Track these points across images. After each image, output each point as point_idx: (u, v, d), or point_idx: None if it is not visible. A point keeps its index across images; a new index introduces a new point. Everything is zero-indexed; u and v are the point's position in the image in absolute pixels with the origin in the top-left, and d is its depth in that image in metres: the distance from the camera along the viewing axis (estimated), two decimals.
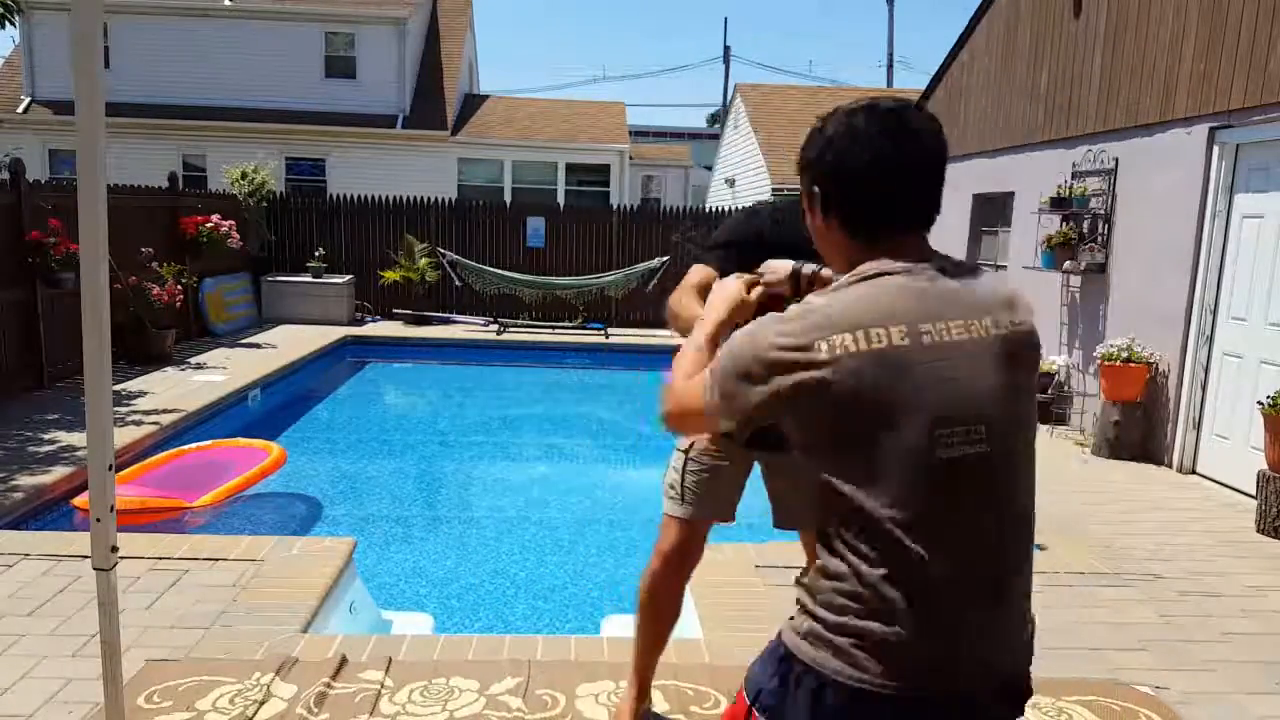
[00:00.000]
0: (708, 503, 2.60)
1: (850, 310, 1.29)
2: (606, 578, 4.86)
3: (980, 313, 1.34)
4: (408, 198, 13.62)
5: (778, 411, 1.32)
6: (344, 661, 3.15)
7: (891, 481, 1.26)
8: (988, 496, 1.31)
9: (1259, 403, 5.20)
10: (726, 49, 31.94)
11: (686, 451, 2.60)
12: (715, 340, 1.52)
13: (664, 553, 2.60)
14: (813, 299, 1.35)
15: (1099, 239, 7.24)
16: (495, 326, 12.54)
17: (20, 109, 17.90)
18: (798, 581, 1.40)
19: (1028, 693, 1.41)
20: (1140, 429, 6.58)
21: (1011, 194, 8.78)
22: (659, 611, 2.67)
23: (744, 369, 1.32)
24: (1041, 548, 4.65)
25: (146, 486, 5.40)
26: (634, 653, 2.76)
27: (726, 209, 14.97)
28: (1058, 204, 7.54)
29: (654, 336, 12.10)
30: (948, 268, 1.37)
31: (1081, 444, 6.98)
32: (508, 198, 17.46)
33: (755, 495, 2.71)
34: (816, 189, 1.41)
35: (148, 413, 6.89)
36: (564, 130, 19.60)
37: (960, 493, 1.29)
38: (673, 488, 2.61)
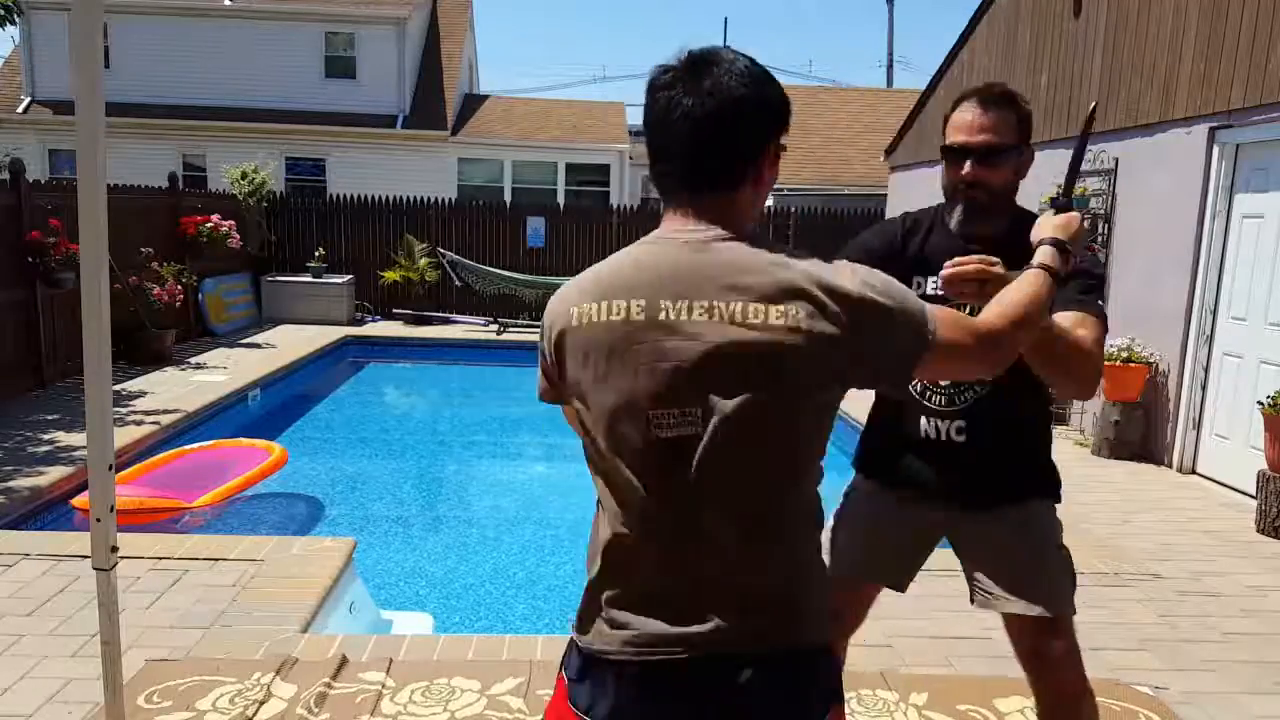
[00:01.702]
0: (859, 561, 2.16)
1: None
2: None
3: (732, 296, 1.22)
4: (407, 198, 13.62)
5: None
6: (344, 661, 3.15)
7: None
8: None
9: (1259, 403, 5.20)
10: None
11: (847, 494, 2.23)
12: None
13: None
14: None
15: (1099, 239, 7.23)
16: (495, 326, 12.54)
17: (20, 109, 17.89)
18: None
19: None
20: (1140, 429, 6.57)
21: None
22: None
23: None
24: None
25: (146, 487, 5.40)
26: None
27: None
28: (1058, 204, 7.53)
29: None
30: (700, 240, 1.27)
31: (1081, 444, 6.98)
32: (508, 198, 17.45)
33: None
34: None
35: (148, 413, 6.89)
36: (564, 130, 19.59)
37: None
38: None
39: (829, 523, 2.22)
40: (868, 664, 3.25)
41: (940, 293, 1.89)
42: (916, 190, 11.44)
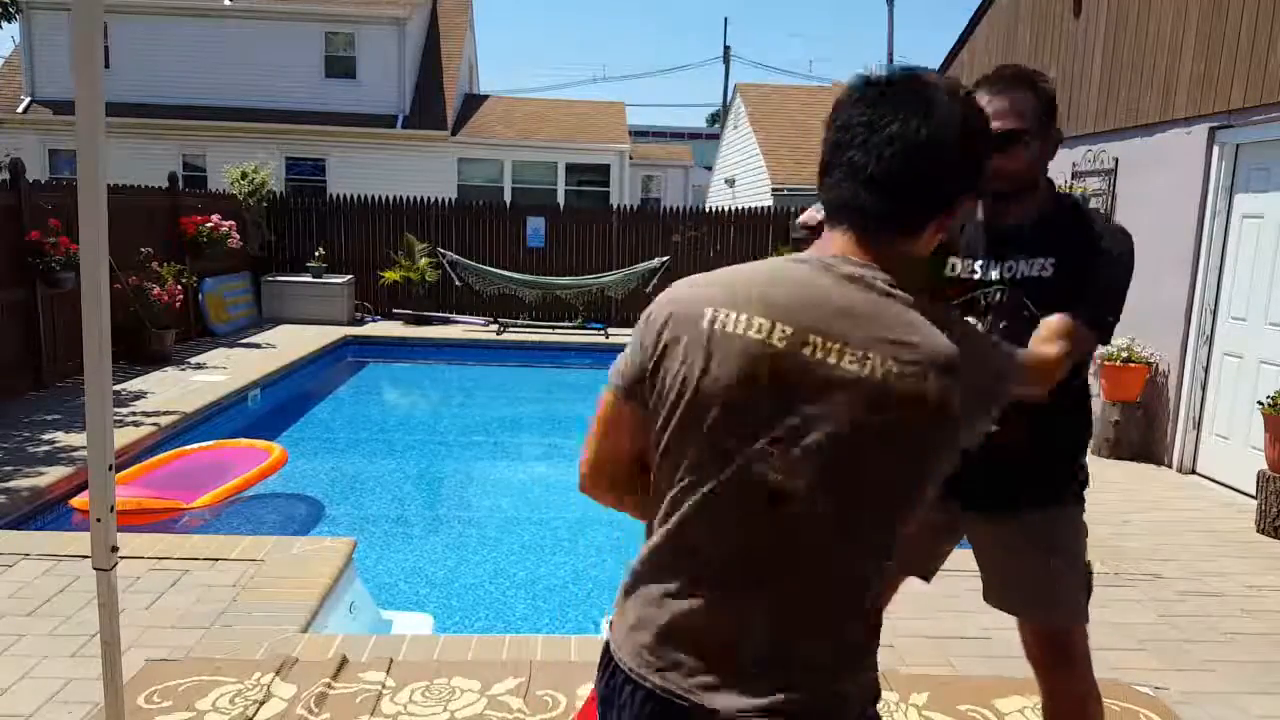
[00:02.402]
0: None
1: None
2: (607, 578, 4.86)
3: (888, 352, 1.11)
4: (408, 198, 13.62)
5: None
6: (344, 661, 3.15)
7: None
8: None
9: (1259, 403, 5.20)
10: (726, 49, 31.90)
11: None
12: None
13: None
14: None
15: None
16: (495, 326, 12.54)
17: (20, 109, 17.90)
18: None
19: None
20: (1140, 429, 6.57)
21: None
22: None
23: None
24: None
25: (146, 487, 5.40)
26: None
27: (726, 209, 14.95)
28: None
29: None
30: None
31: None
32: (508, 198, 17.45)
33: None
34: None
35: (147, 413, 6.89)
36: (564, 130, 19.60)
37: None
38: None
39: None
40: None
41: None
42: None
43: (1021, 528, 2.05)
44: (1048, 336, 1.88)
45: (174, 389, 7.85)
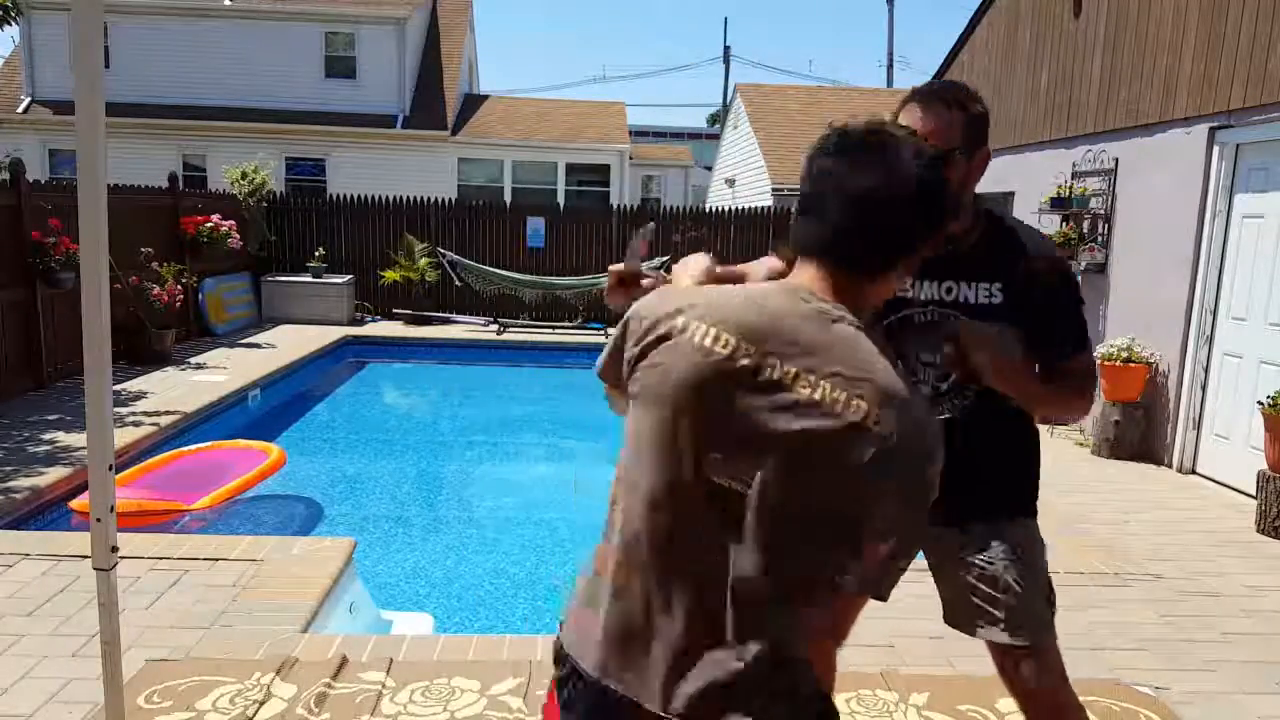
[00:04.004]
0: None
1: None
2: None
3: (837, 383, 1.17)
4: (408, 198, 13.62)
5: None
6: (344, 662, 3.15)
7: None
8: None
9: (1259, 403, 5.20)
10: (726, 49, 31.95)
11: None
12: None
13: None
14: None
15: (1099, 239, 7.24)
16: (495, 326, 12.54)
17: (20, 109, 17.90)
18: None
19: None
20: (1140, 429, 6.57)
21: (1011, 194, 8.77)
22: None
23: None
24: None
25: (145, 489, 5.39)
26: None
27: (726, 209, 14.96)
28: (1058, 204, 7.54)
29: None
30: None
31: (1081, 444, 6.98)
32: (508, 198, 17.45)
33: None
34: None
35: (147, 413, 6.88)
36: (564, 130, 19.59)
37: None
38: None
39: None
40: (868, 664, 3.25)
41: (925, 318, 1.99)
42: None
43: (981, 543, 2.01)
44: (1081, 382, 1.97)
45: (174, 389, 7.85)
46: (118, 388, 7.58)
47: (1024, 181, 8.44)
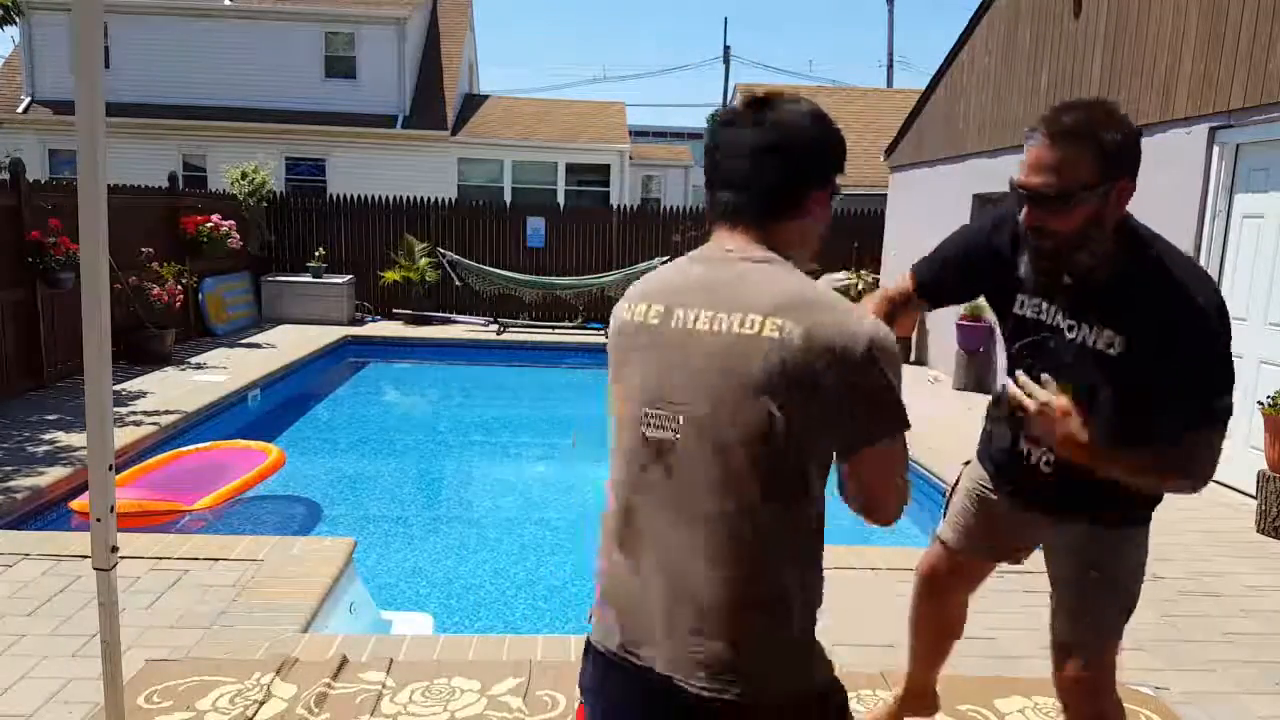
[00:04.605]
0: (962, 532, 2.20)
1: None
2: None
3: (735, 309, 1.28)
4: (408, 198, 13.62)
5: None
6: (344, 662, 3.15)
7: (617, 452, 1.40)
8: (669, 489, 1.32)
9: (1259, 403, 5.20)
10: (726, 49, 31.91)
11: (966, 463, 2.26)
12: None
13: (917, 567, 2.30)
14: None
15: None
16: (495, 326, 12.54)
17: (20, 109, 17.89)
18: None
19: (699, 708, 1.26)
20: None
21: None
22: (914, 626, 2.44)
23: None
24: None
25: (145, 489, 5.39)
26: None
27: None
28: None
29: None
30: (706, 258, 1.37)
31: None
32: (508, 198, 17.44)
33: None
34: None
35: (147, 413, 6.88)
36: (564, 130, 19.58)
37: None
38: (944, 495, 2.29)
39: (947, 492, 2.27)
40: (868, 664, 3.25)
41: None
42: (916, 190, 11.43)
43: (1077, 543, 2.05)
44: (1183, 463, 1.76)
45: (174, 389, 7.85)
46: (118, 388, 7.58)
47: None
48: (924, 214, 10.67)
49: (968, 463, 2.24)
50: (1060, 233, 1.72)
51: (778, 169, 1.34)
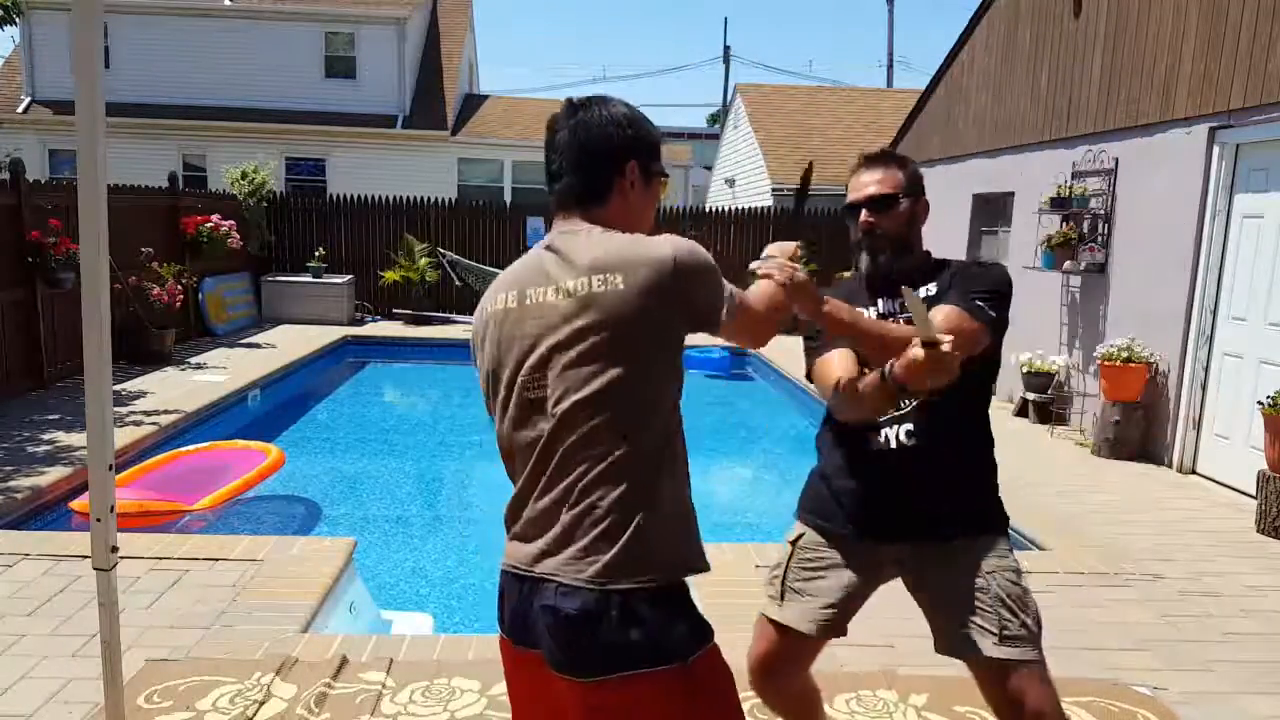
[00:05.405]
0: (802, 607, 2.15)
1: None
2: None
3: (562, 278, 1.53)
4: (407, 198, 13.62)
5: None
6: (344, 661, 3.15)
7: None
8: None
9: (1259, 403, 5.20)
10: (726, 49, 31.88)
11: (792, 541, 2.25)
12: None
13: (748, 655, 2.24)
14: None
15: (1099, 239, 7.24)
16: None
17: (20, 109, 17.90)
18: None
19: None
20: (1140, 429, 6.57)
21: (1011, 194, 8.78)
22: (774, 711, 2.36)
23: None
24: (1041, 547, 4.65)
25: (145, 489, 5.39)
26: None
27: (726, 209, 14.95)
28: (1058, 204, 7.54)
29: None
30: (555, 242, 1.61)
31: (1082, 444, 6.98)
32: (508, 198, 17.45)
33: (757, 494, 2.68)
34: None
35: (147, 413, 6.89)
36: None
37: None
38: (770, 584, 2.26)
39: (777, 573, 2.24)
40: (868, 664, 3.25)
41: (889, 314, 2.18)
42: None
43: (963, 559, 2.03)
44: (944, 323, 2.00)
45: (174, 389, 7.85)
46: (118, 388, 7.58)
47: (1024, 181, 8.44)
48: None
49: (794, 540, 2.22)
50: (890, 232, 2.17)
51: (582, 161, 1.61)
